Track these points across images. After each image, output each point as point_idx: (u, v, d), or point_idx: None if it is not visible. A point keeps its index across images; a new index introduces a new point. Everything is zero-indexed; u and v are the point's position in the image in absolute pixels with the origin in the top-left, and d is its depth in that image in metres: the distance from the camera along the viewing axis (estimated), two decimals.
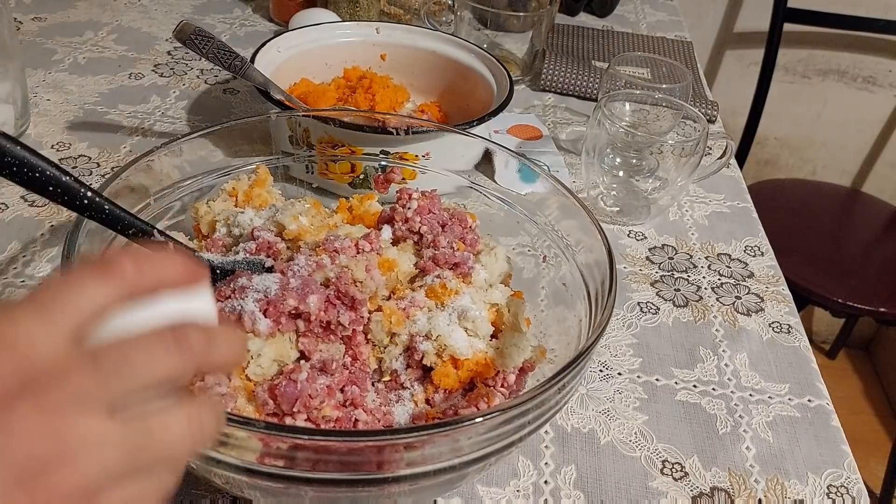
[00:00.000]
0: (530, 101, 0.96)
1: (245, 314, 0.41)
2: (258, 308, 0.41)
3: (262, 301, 0.41)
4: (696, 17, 1.70)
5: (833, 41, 1.72)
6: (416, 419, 0.43)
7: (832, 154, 1.86)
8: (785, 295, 0.68)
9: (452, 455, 0.35)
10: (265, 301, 0.41)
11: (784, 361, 0.60)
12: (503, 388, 0.45)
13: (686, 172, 0.71)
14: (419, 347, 0.44)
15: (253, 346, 0.41)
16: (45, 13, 1.06)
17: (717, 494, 0.49)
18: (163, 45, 1.01)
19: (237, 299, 0.42)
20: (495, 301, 0.49)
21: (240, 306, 0.41)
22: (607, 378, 0.57)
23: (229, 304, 0.42)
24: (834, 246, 1.49)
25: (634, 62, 0.89)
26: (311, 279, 0.43)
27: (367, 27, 0.87)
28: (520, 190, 0.56)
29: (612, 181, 0.77)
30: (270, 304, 0.41)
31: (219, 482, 0.40)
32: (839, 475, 0.52)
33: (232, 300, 0.42)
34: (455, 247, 0.49)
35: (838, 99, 1.79)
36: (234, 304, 0.41)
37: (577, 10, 1.24)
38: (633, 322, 0.63)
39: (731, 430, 0.54)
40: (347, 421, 0.40)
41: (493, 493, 0.48)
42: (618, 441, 0.52)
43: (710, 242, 0.74)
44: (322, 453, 0.34)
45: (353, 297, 0.43)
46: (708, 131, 0.70)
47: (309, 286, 0.42)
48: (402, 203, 0.51)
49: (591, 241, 0.48)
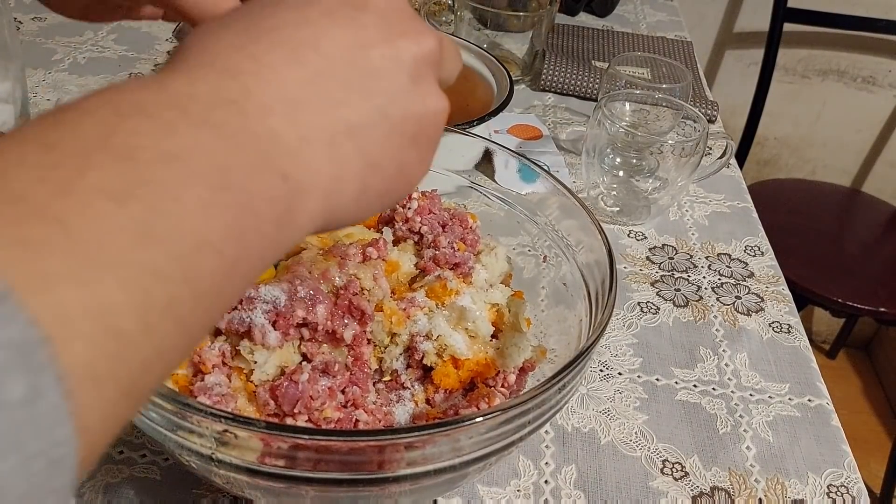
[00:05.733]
0: (530, 101, 0.96)
1: (255, 328, 0.40)
2: (267, 320, 0.40)
3: (271, 312, 0.40)
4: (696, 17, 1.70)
5: (833, 41, 1.72)
6: (417, 419, 0.43)
7: (832, 154, 1.86)
8: (785, 295, 0.68)
9: (453, 455, 0.35)
10: (274, 312, 0.40)
11: (784, 361, 0.61)
12: (503, 388, 0.45)
13: (686, 172, 0.71)
14: (420, 347, 0.44)
15: (259, 357, 0.40)
16: (45, 13, 1.06)
17: (718, 494, 0.49)
18: (163, 45, 1.01)
19: (245, 311, 0.41)
20: (496, 301, 0.49)
21: (248, 318, 0.40)
22: (607, 378, 0.57)
23: (237, 315, 0.41)
24: (834, 246, 1.49)
25: (634, 62, 0.89)
26: (318, 288, 0.42)
27: None
28: (520, 190, 0.56)
29: (612, 181, 0.77)
30: (280, 317, 0.40)
31: (219, 482, 0.40)
32: (839, 475, 0.52)
33: (240, 311, 0.41)
34: (455, 247, 0.49)
35: (838, 99, 1.79)
36: (243, 316, 0.40)
37: (577, 10, 1.24)
38: (634, 322, 0.63)
39: (732, 429, 0.54)
40: (348, 421, 0.40)
41: (494, 493, 0.48)
42: (618, 441, 0.52)
43: (710, 242, 0.74)
44: (323, 453, 0.34)
45: (364, 310, 0.42)
46: (708, 131, 0.70)
47: (317, 296, 0.42)
48: (402, 203, 0.51)
49: (592, 240, 0.48)
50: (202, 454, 0.35)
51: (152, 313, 0.18)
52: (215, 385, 0.39)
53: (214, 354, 0.40)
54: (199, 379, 0.40)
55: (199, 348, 0.41)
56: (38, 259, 0.16)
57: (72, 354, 0.16)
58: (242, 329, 0.40)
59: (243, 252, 0.21)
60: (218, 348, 0.41)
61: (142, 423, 0.36)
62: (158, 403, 0.34)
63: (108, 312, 0.17)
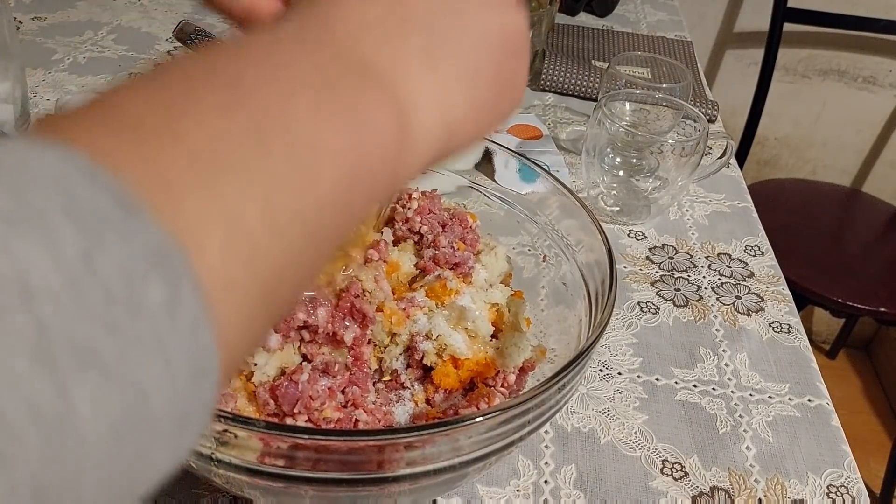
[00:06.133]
0: (530, 100, 0.96)
1: None
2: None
3: None
4: (696, 17, 1.70)
5: (833, 41, 1.72)
6: (417, 419, 0.43)
7: (832, 154, 1.86)
8: (785, 295, 0.68)
9: (452, 455, 0.35)
10: None
11: (784, 361, 0.60)
12: (503, 387, 0.45)
13: (686, 172, 0.71)
14: (419, 347, 0.44)
15: (260, 359, 0.40)
16: (45, 13, 1.06)
17: (717, 494, 0.49)
18: (163, 45, 1.01)
19: None
20: (495, 301, 0.49)
21: None
22: (607, 378, 0.57)
23: None
24: (834, 246, 1.49)
25: (634, 62, 0.89)
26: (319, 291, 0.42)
27: None
28: (520, 190, 0.56)
29: (612, 181, 0.77)
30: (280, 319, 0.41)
31: (219, 482, 0.40)
32: (839, 475, 0.52)
33: None
34: (455, 247, 0.49)
35: (838, 99, 1.79)
36: None
37: (577, 10, 1.24)
38: (634, 322, 0.63)
39: (731, 429, 0.54)
40: (348, 421, 0.40)
41: (494, 493, 0.48)
42: (618, 441, 0.52)
43: (710, 242, 0.74)
44: (322, 453, 0.34)
45: (365, 314, 0.42)
46: (708, 131, 0.70)
47: (317, 298, 0.42)
48: (402, 203, 0.51)
49: (592, 240, 0.48)
50: (202, 454, 0.35)
51: (279, 217, 0.18)
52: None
53: None
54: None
55: None
56: (164, 172, 0.16)
57: (207, 262, 0.16)
58: None
59: (362, 164, 0.21)
60: None
61: None
62: None
63: (235, 217, 0.17)
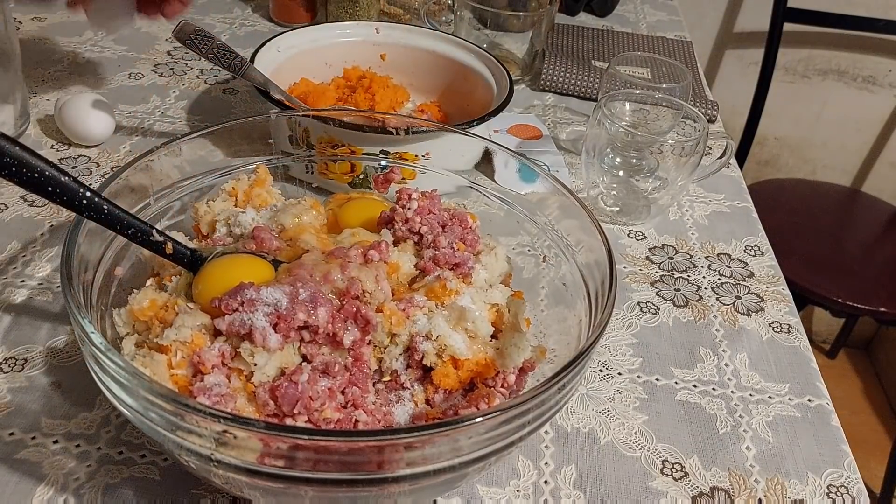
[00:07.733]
0: (530, 101, 0.96)
1: (256, 330, 0.40)
2: (268, 323, 0.40)
3: (272, 315, 0.40)
4: (696, 17, 1.70)
5: (833, 41, 1.72)
6: (416, 419, 0.43)
7: (832, 154, 1.86)
8: (785, 295, 0.68)
9: (452, 455, 0.35)
10: (275, 315, 0.40)
11: (784, 361, 0.60)
12: (503, 388, 0.45)
13: (686, 172, 0.71)
14: (419, 347, 0.44)
15: (260, 359, 0.40)
16: (45, 13, 1.06)
17: (717, 494, 0.49)
18: (162, 45, 1.01)
19: (246, 313, 0.40)
20: (495, 301, 0.49)
21: (250, 321, 0.40)
22: (607, 378, 0.57)
23: (238, 317, 0.40)
24: (834, 246, 1.49)
25: (634, 62, 0.89)
26: (319, 291, 0.42)
27: (366, 27, 0.86)
28: (520, 190, 0.56)
29: (612, 181, 0.77)
30: (281, 319, 0.40)
31: (219, 482, 0.40)
32: (839, 475, 0.52)
33: (241, 313, 0.41)
34: (455, 247, 0.49)
35: (838, 99, 1.79)
36: (244, 318, 0.40)
37: (577, 10, 1.24)
38: (633, 322, 0.63)
39: (731, 429, 0.54)
40: (348, 422, 0.40)
41: (493, 493, 0.48)
42: (618, 441, 0.52)
43: (710, 242, 0.74)
44: (322, 453, 0.34)
45: (369, 320, 0.42)
46: (708, 131, 0.70)
47: (318, 298, 0.41)
48: (402, 203, 0.51)
49: (591, 240, 0.48)
50: (201, 454, 0.35)
51: None
52: (215, 385, 0.39)
53: (214, 355, 0.40)
54: (198, 379, 0.40)
55: (198, 349, 0.40)
56: None
57: None
58: (243, 331, 0.40)
59: None
60: (218, 349, 0.40)
61: (141, 424, 0.36)
62: (158, 404, 0.34)
63: None
